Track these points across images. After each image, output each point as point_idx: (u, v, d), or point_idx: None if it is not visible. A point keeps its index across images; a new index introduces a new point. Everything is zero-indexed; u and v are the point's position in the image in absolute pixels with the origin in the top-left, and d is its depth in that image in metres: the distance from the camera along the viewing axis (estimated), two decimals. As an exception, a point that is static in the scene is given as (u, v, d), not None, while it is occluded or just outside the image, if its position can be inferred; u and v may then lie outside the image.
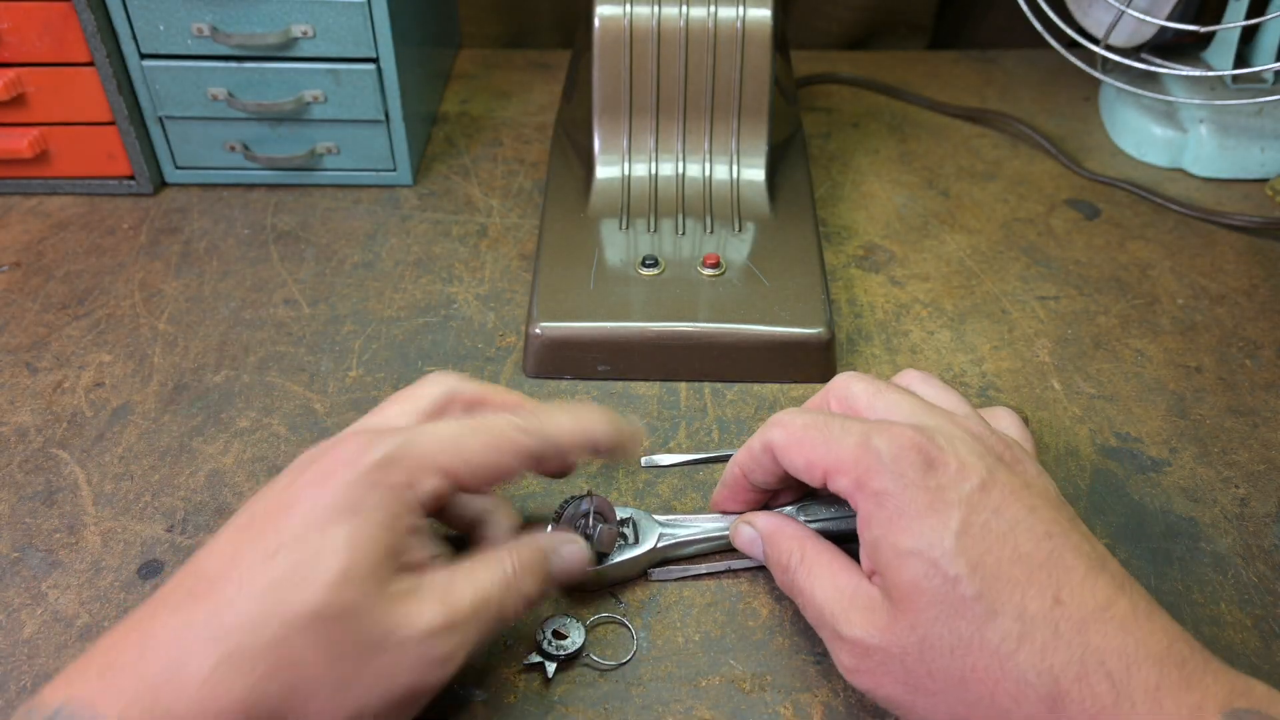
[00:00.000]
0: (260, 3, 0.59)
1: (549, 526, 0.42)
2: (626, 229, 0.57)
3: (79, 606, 0.41)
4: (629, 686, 0.39)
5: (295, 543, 0.32)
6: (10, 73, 0.59)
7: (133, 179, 0.65)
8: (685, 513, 0.46)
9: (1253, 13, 0.65)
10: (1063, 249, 0.62)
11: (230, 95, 0.61)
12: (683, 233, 0.57)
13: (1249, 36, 0.69)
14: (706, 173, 0.59)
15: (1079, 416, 0.51)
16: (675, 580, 0.43)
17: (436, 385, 0.40)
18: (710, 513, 0.44)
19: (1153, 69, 0.67)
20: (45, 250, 0.61)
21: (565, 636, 0.40)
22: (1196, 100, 0.67)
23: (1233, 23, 0.64)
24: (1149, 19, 0.64)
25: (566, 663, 0.40)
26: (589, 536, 0.41)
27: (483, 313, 0.57)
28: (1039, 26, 0.69)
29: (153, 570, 0.43)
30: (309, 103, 0.62)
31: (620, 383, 0.53)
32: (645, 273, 0.54)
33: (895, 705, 0.35)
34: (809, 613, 0.38)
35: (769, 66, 0.58)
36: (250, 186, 0.66)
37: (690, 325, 0.51)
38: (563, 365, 0.52)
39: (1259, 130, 0.68)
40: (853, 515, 0.37)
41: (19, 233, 0.62)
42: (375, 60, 0.61)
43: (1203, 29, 0.62)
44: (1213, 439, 0.50)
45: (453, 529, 0.42)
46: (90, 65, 0.60)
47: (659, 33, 0.57)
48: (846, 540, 0.39)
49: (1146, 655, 0.32)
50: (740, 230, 0.57)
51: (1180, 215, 0.65)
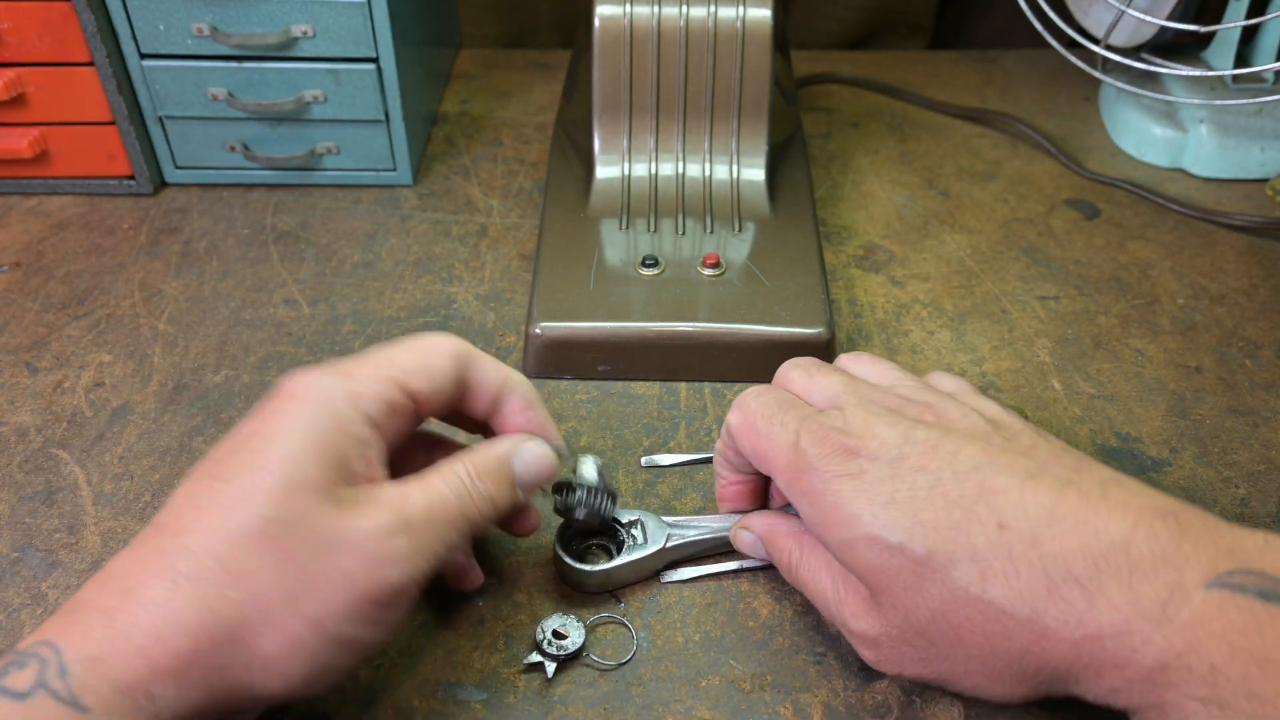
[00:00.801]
0: (260, 3, 0.59)
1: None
2: (626, 229, 0.57)
3: (79, 606, 0.41)
4: (629, 686, 0.39)
5: (238, 468, 0.33)
6: (10, 73, 0.59)
7: (133, 179, 0.65)
8: (686, 513, 0.46)
9: (1253, 13, 0.65)
10: (1063, 249, 0.62)
11: (230, 95, 0.61)
12: (683, 233, 0.57)
13: (1249, 36, 0.69)
14: (706, 173, 0.59)
15: (1079, 416, 0.51)
16: (689, 581, 0.43)
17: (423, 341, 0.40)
18: (716, 512, 0.44)
19: (1153, 69, 0.67)
20: (45, 250, 0.61)
21: (565, 636, 0.40)
22: (1196, 100, 0.67)
23: (1233, 23, 0.64)
24: (1149, 19, 0.64)
25: (566, 663, 0.40)
26: (573, 500, 0.42)
27: (483, 313, 0.57)
28: (1039, 26, 0.69)
29: (153, 570, 0.43)
30: (309, 103, 0.62)
31: (620, 383, 0.53)
32: (645, 273, 0.54)
33: (925, 680, 0.36)
34: (819, 609, 0.39)
35: (769, 66, 0.58)
36: (250, 186, 0.66)
37: (690, 325, 0.51)
38: (563, 365, 0.52)
39: (1259, 130, 0.68)
40: None
41: (19, 233, 0.62)
42: (375, 60, 0.61)
43: (1203, 29, 0.62)
44: (1213, 439, 0.50)
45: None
46: (90, 65, 0.60)
47: (659, 33, 0.57)
48: None
49: (1109, 544, 0.31)
50: (740, 230, 0.57)
51: (1180, 215, 0.65)
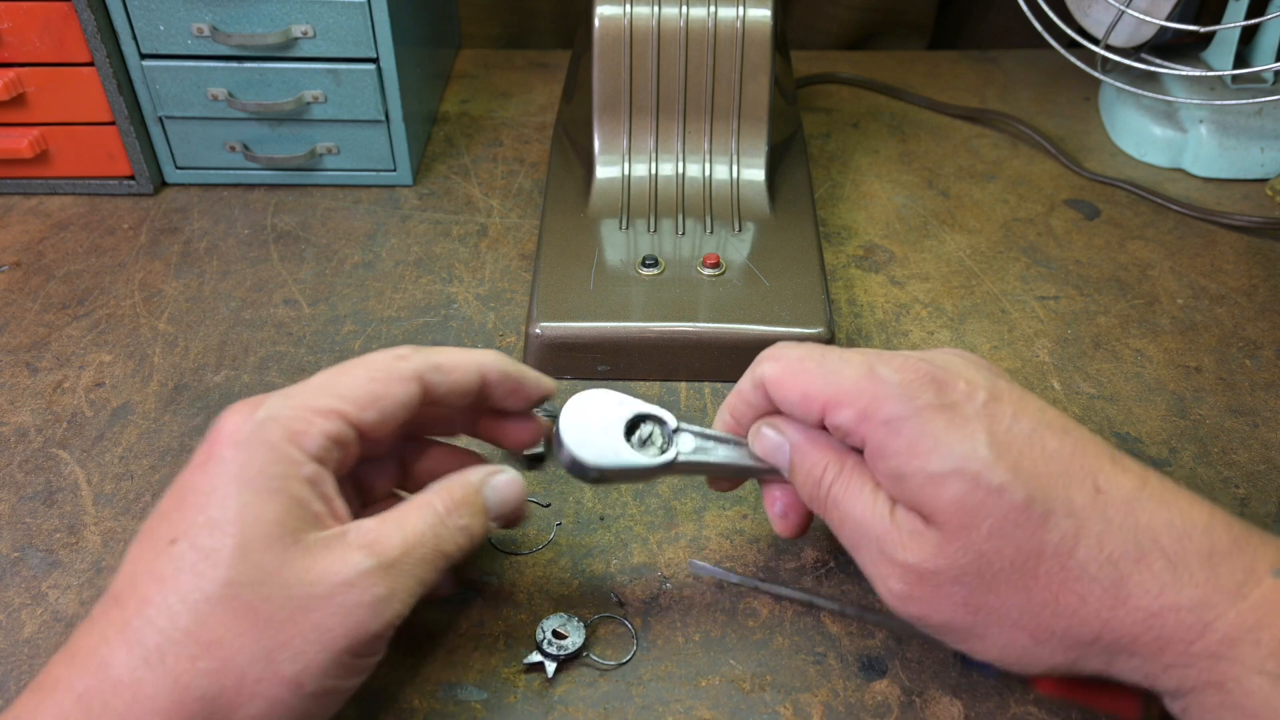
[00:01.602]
0: (260, 3, 0.59)
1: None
2: (626, 229, 0.57)
3: (79, 606, 0.41)
4: (629, 686, 0.39)
5: (191, 528, 0.32)
6: (10, 73, 0.59)
7: (133, 179, 0.65)
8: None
9: (1253, 13, 0.65)
10: (1063, 249, 0.62)
11: (230, 95, 0.61)
12: (683, 233, 0.57)
13: (1249, 36, 0.69)
14: (706, 173, 0.59)
15: (1079, 416, 0.51)
16: (710, 577, 0.43)
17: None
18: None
19: (1153, 69, 0.67)
20: (45, 250, 0.61)
21: (565, 636, 0.40)
22: (1196, 100, 0.67)
23: (1233, 23, 0.64)
24: (1149, 19, 0.64)
25: (566, 663, 0.40)
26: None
27: (483, 313, 0.57)
28: (1039, 26, 0.69)
29: (153, 570, 0.43)
30: (309, 103, 0.62)
31: (620, 383, 0.53)
32: (645, 273, 0.54)
33: (952, 629, 0.34)
34: (846, 532, 0.36)
35: (769, 66, 0.58)
36: (250, 186, 0.66)
37: (690, 325, 0.51)
38: (563, 365, 0.52)
39: (1259, 130, 0.68)
40: None
41: (19, 233, 0.62)
42: (375, 60, 0.61)
43: (1203, 29, 0.62)
44: (1213, 439, 0.50)
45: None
46: (90, 65, 0.60)
47: (659, 33, 0.57)
48: None
49: (1193, 525, 0.32)
50: (740, 230, 0.57)
51: (1180, 215, 0.65)
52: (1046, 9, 0.68)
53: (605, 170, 0.59)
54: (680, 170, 0.59)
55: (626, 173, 0.59)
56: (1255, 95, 0.68)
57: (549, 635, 0.40)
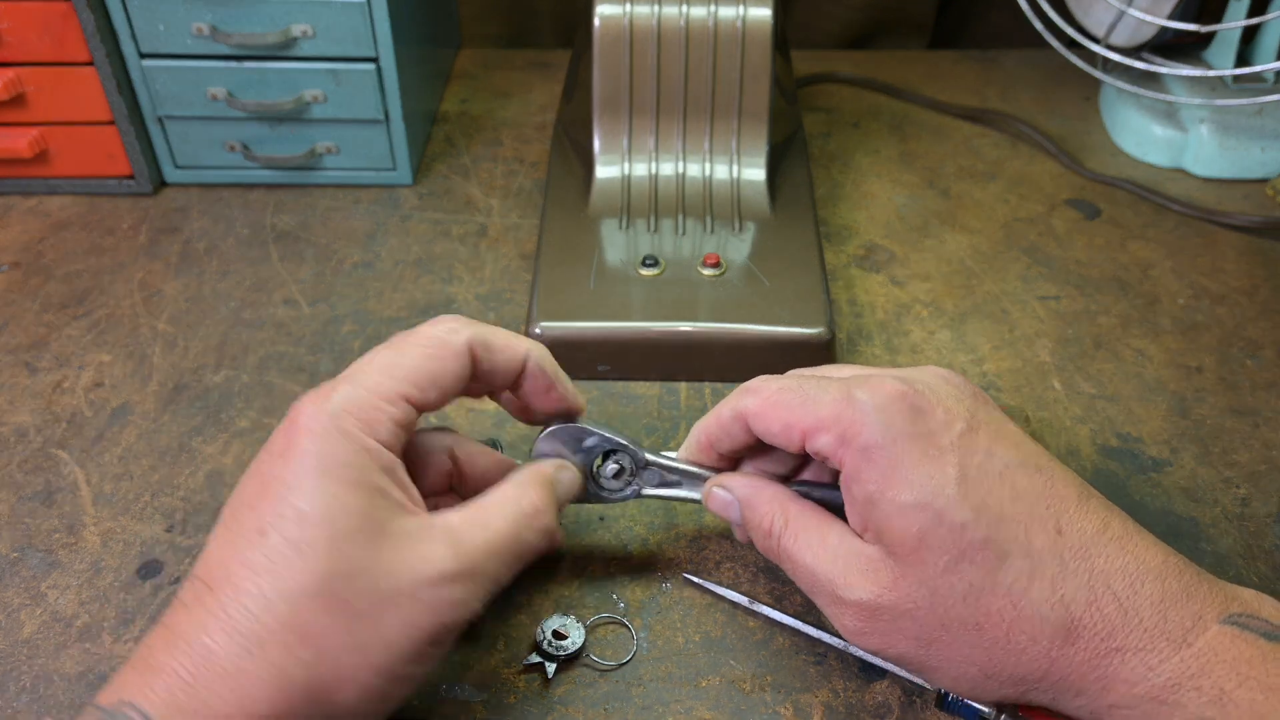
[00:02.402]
0: (260, 3, 0.59)
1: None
2: (626, 229, 0.57)
3: (79, 606, 0.41)
4: (629, 686, 0.39)
5: (279, 520, 0.32)
6: (10, 73, 0.59)
7: (132, 179, 0.65)
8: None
9: (1253, 12, 0.65)
10: (1063, 249, 0.62)
11: (230, 95, 0.61)
12: (683, 232, 0.57)
13: (1250, 36, 0.69)
14: (707, 172, 0.59)
15: (1080, 416, 0.51)
16: (701, 588, 0.43)
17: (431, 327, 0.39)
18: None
19: (1153, 69, 0.67)
20: (45, 250, 0.61)
21: (565, 636, 0.40)
22: (1197, 100, 0.67)
23: (1233, 22, 0.64)
24: (1150, 19, 0.64)
25: (566, 663, 0.39)
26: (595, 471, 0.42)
27: (483, 313, 0.57)
28: (1039, 26, 0.69)
29: (152, 570, 0.43)
30: (309, 103, 0.62)
31: (620, 383, 0.53)
32: (645, 273, 0.54)
33: (906, 661, 0.35)
34: (800, 578, 0.37)
35: (769, 66, 0.58)
36: (250, 186, 0.66)
37: (690, 325, 0.51)
38: (563, 365, 0.52)
39: (1259, 130, 0.68)
40: (836, 488, 0.36)
41: (19, 233, 0.62)
42: (375, 60, 0.61)
43: (1203, 29, 0.62)
44: (1213, 439, 0.50)
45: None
46: (90, 65, 0.60)
47: (659, 32, 0.57)
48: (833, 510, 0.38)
49: (1147, 571, 0.33)
50: (740, 230, 0.57)
51: (1181, 215, 0.65)
52: (1047, 9, 0.68)
53: (605, 170, 0.59)
54: (680, 170, 0.59)
55: (627, 172, 0.59)
56: (1256, 95, 0.68)
57: (549, 636, 0.40)
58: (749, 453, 0.41)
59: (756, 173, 0.59)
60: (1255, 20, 0.62)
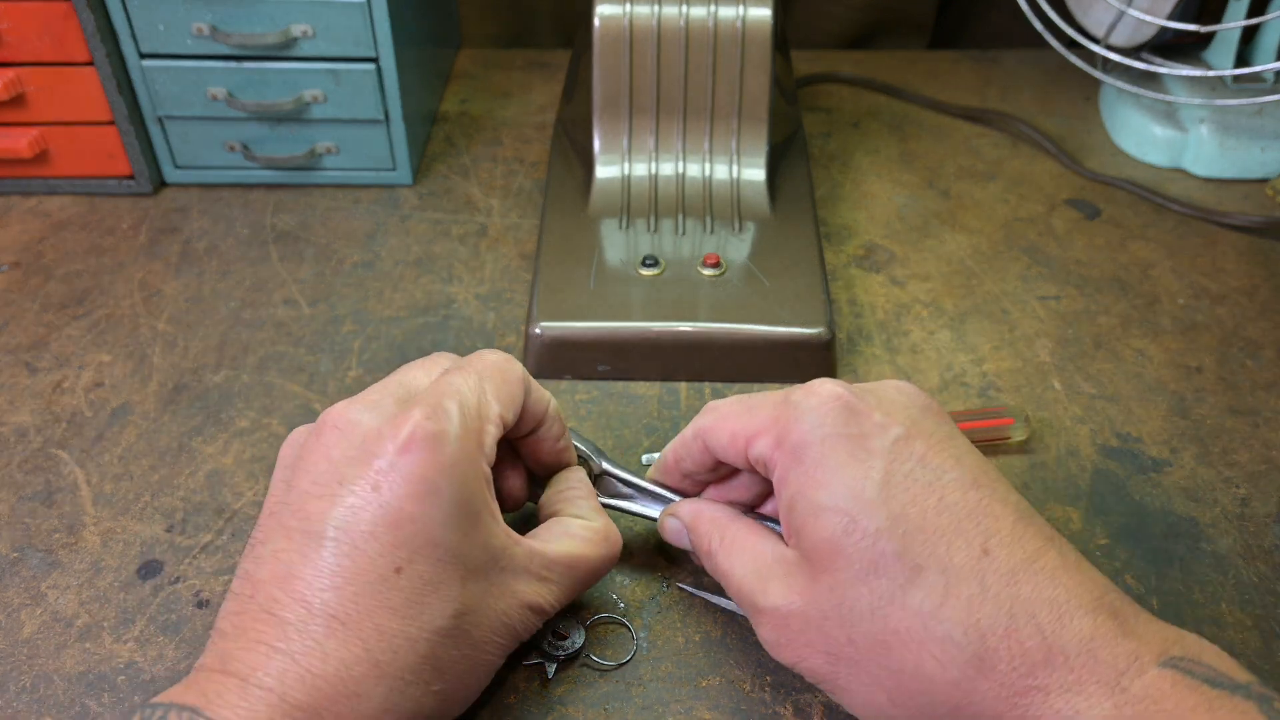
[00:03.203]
0: (260, 3, 0.59)
1: None
2: (626, 229, 0.57)
3: (79, 606, 0.41)
4: (629, 686, 0.39)
5: (415, 558, 0.32)
6: (10, 73, 0.59)
7: (132, 179, 0.65)
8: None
9: (1253, 12, 0.65)
10: (1063, 249, 0.62)
11: (230, 95, 0.61)
12: (683, 232, 0.57)
13: (1249, 36, 0.69)
14: (707, 172, 0.59)
15: (1080, 416, 0.51)
16: (693, 593, 0.43)
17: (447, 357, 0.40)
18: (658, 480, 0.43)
19: (1153, 69, 0.67)
20: (45, 250, 0.61)
21: (565, 636, 0.40)
22: (1197, 100, 0.67)
23: (1233, 22, 0.64)
24: (1149, 19, 0.64)
25: (566, 663, 0.40)
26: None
27: (483, 313, 0.57)
28: (1039, 26, 0.69)
29: (152, 570, 0.43)
30: (309, 103, 0.62)
31: (620, 383, 0.53)
32: (645, 272, 0.54)
33: (820, 679, 0.34)
34: (732, 593, 0.37)
35: (769, 66, 0.58)
36: (250, 186, 0.66)
37: (690, 325, 0.51)
38: (563, 365, 0.52)
39: (1259, 130, 0.68)
40: None
41: (19, 233, 0.62)
42: (375, 60, 0.61)
43: (1203, 29, 0.62)
44: (1213, 439, 0.50)
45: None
46: (90, 65, 0.60)
47: (659, 32, 0.57)
48: None
49: (1078, 606, 0.30)
50: (740, 230, 0.57)
51: (1181, 215, 0.65)
52: (1047, 9, 0.68)
53: (605, 170, 0.59)
54: (680, 170, 0.59)
55: (627, 172, 0.59)
56: (1256, 95, 0.68)
57: (549, 635, 0.40)
58: (714, 479, 0.41)
59: (756, 173, 0.59)
60: (1255, 20, 0.62)
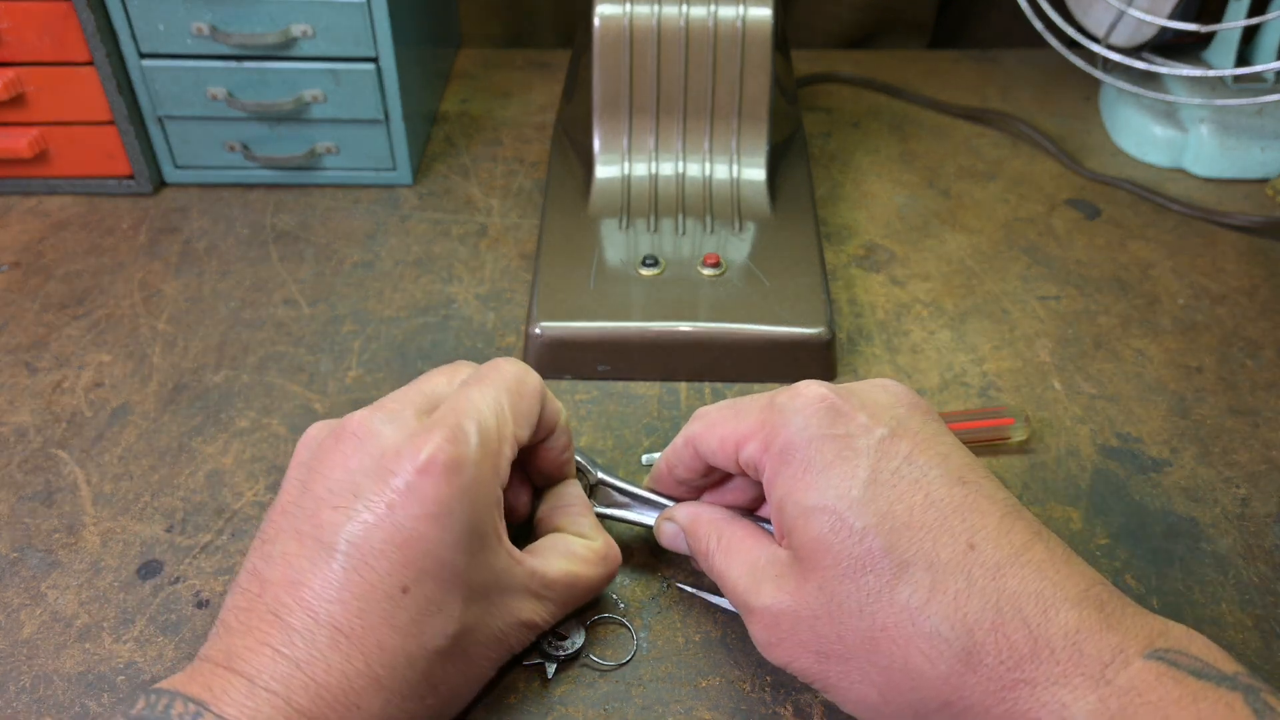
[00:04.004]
0: (260, 3, 0.59)
1: None
2: (626, 229, 0.57)
3: (78, 607, 0.41)
4: (629, 687, 0.39)
5: (422, 577, 0.33)
6: (10, 73, 0.59)
7: (132, 179, 0.65)
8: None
9: (1253, 12, 0.65)
10: (1063, 249, 0.62)
11: (230, 95, 0.61)
12: (683, 232, 0.57)
13: (1250, 36, 0.69)
14: (707, 172, 0.59)
15: (1080, 416, 0.51)
16: (693, 593, 0.43)
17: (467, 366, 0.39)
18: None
19: (1153, 69, 0.67)
20: (45, 250, 0.61)
21: (565, 636, 0.40)
22: (1197, 100, 0.67)
23: (1233, 22, 0.64)
24: (1150, 18, 0.64)
25: (566, 663, 0.39)
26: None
27: (483, 313, 0.57)
28: (1039, 26, 0.69)
29: (152, 570, 0.43)
30: (309, 103, 0.62)
31: (620, 383, 0.53)
32: (645, 272, 0.54)
33: (812, 678, 0.34)
34: (727, 594, 0.37)
35: (769, 66, 0.58)
36: (250, 186, 0.66)
37: (690, 325, 0.51)
38: (563, 365, 0.52)
39: (1259, 130, 0.68)
40: None
41: (18, 233, 0.62)
42: (375, 60, 0.61)
43: (1203, 29, 0.62)
44: (1213, 439, 0.50)
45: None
46: (90, 65, 0.60)
47: (659, 32, 0.57)
48: None
49: (1064, 599, 0.30)
50: (740, 230, 0.57)
51: (1181, 215, 0.65)
52: (1047, 8, 0.68)
53: (605, 170, 0.59)
54: (680, 170, 0.59)
55: (627, 172, 0.59)
56: (1256, 95, 0.68)
57: (549, 635, 0.40)
58: (708, 485, 0.41)
59: (756, 173, 0.59)
60: (1255, 20, 0.62)
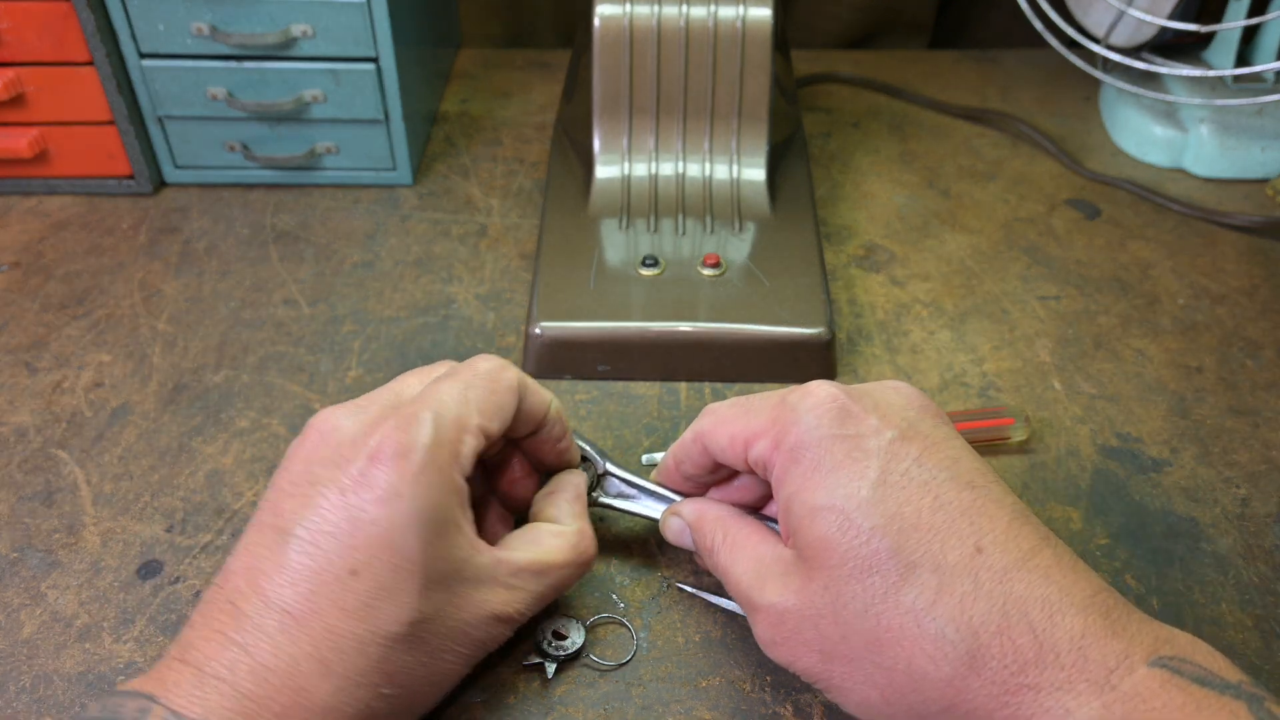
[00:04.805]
0: (260, 3, 0.59)
1: None
2: (626, 229, 0.57)
3: (78, 606, 0.41)
4: (629, 687, 0.39)
5: (374, 563, 0.32)
6: (10, 73, 0.59)
7: (132, 179, 0.65)
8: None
9: (1253, 12, 0.65)
10: (1063, 249, 0.62)
11: (230, 95, 0.61)
12: (683, 232, 0.57)
13: (1250, 36, 0.69)
14: (707, 172, 0.59)
15: (1080, 416, 0.51)
16: (693, 593, 0.43)
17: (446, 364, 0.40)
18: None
19: (1153, 69, 0.67)
20: (45, 250, 0.61)
21: (565, 636, 0.40)
22: (1197, 100, 0.67)
23: (1233, 22, 0.64)
24: (1149, 19, 0.64)
25: (566, 663, 0.39)
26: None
27: (483, 313, 0.57)
28: (1039, 26, 0.69)
29: (152, 570, 0.43)
30: (309, 103, 0.62)
31: (620, 383, 0.53)
32: (645, 272, 0.54)
33: (814, 677, 0.34)
34: (731, 591, 0.37)
35: (769, 66, 0.58)
36: (250, 186, 0.66)
37: (690, 325, 0.51)
38: (563, 365, 0.52)
39: (1259, 130, 0.68)
40: None
41: (18, 233, 0.62)
42: (375, 60, 0.61)
43: (1203, 29, 0.62)
44: (1213, 439, 0.50)
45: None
46: (90, 65, 0.60)
47: (659, 32, 0.57)
48: None
49: (1070, 604, 0.30)
50: (740, 230, 0.57)
51: (1181, 215, 0.65)
52: (1047, 8, 0.68)
53: (605, 170, 0.59)
54: (680, 170, 0.59)
55: (627, 172, 0.59)
56: (1256, 95, 0.68)
57: (549, 636, 0.40)
58: (715, 482, 0.41)
59: (756, 173, 0.59)
60: (1255, 20, 0.62)
